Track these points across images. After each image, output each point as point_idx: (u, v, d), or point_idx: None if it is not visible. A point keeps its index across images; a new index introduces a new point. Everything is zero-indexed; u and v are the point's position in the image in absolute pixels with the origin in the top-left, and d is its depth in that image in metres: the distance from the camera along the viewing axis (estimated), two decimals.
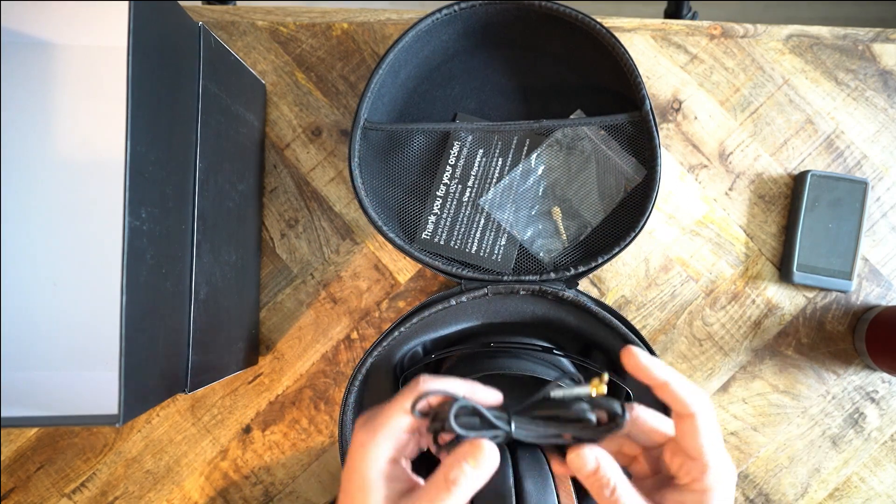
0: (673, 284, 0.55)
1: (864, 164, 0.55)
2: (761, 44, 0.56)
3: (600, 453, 0.31)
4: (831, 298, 0.55)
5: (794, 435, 0.54)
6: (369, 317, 0.55)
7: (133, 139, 0.33)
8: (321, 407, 0.55)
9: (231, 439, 0.54)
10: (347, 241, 0.55)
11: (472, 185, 0.52)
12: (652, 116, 0.47)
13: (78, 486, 0.54)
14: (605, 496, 0.30)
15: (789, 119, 0.56)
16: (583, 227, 0.51)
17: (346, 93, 0.56)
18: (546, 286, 0.46)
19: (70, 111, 0.49)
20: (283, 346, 0.55)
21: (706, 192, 0.55)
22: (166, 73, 0.37)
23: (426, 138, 0.52)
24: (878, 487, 0.54)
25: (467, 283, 0.47)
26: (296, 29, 0.56)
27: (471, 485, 0.30)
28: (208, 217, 0.43)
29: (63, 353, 0.48)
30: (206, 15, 0.56)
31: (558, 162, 0.51)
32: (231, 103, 0.47)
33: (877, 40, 0.56)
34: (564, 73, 0.53)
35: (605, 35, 0.46)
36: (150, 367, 0.36)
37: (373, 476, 0.30)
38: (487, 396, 0.33)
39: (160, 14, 0.36)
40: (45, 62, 0.49)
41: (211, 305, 0.44)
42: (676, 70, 0.56)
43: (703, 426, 0.30)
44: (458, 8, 0.47)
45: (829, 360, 0.55)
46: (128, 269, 0.33)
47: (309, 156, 0.56)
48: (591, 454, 0.31)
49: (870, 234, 0.55)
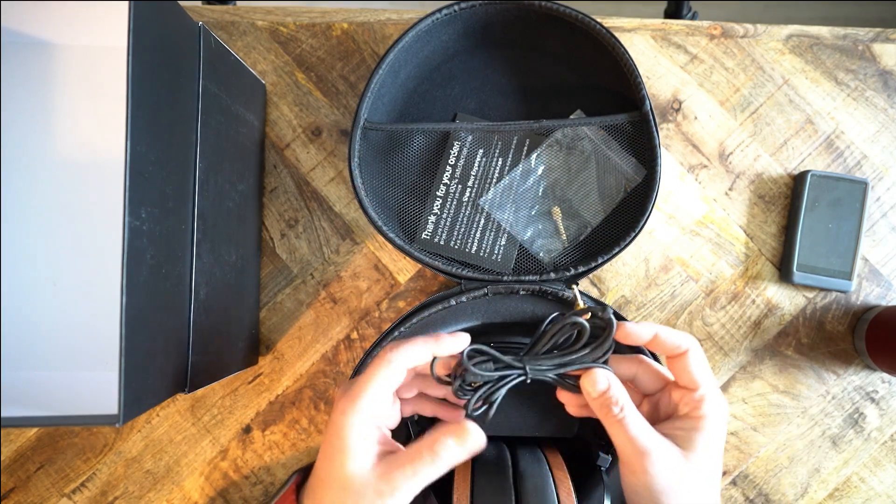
0: (673, 284, 0.55)
1: (864, 164, 0.55)
2: (761, 44, 0.56)
3: (611, 375, 0.35)
4: (831, 298, 0.55)
5: (794, 435, 0.54)
6: (369, 317, 0.55)
7: (133, 139, 0.33)
8: (321, 407, 0.55)
9: (231, 439, 0.54)
10: (347, 241, 0.55)
11: (472, 185, 0.52)
12: (652, 116, 0.47)
13: (78, 486, 0.54)
14: (613, 414, 0.33)
15: (789, 119, 0.56)
16: (583, 227, 0.51)
17: (346, 93, 0.56)
18: (546, 286, 0.46)
19: (70, 111, 0.49)
20: (283, 346, 0.55)
21: (706, 192, 0.55)
22: (166, 73, 0.37)
23: (426, 138, 0.52)
24: (878, 487, 0.54)
25: (467, 283, 0.47)
26: (296, 29, 0.56)
27: (453, 459, 0.32)
28: (208, 217, 0.43)
29: (63, 353, 0.48)
30: (206, 15, 0.56)
31: (558, 162, 0.51)
32: (231, 103, 0.47)
33: (877, 40, 0.56)
34: (564, 73, 0.53)
35: (605, 35, 0.46)
36: (150, 367, 0.36)
37: (352, 438, 0.32)
38: (457, 343, 0.36)
39: (160, 14, 0.36)
40: (45, 62, 0.49)
41: (211, 305, 0.44)
42: (676, 70, 0.56)
43: (694, 359, 0.35)
44: (458, 8, 0.47)
45: (829, 360, 0.55)
46: (128, 269, 0.33)
47: (309, 156, 0.56)
48: (602, 374, 0.35)
49: (870, 234, 0.55)
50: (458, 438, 0.33)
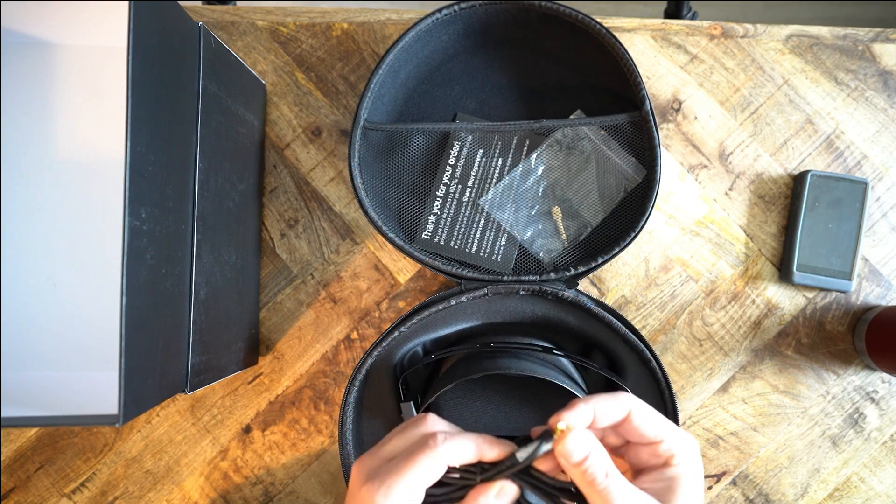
0: (673, 284, 0.55)
1: (864, 164, 0.55)
2: (761, 44, 0.56)
3: (590, 440, 0.30)
4: (831, 298, 0.55)
5: (794, 435, 0.54)
6: (369, 317, 0.55)
7: (133, 139, 0.33)
8: (321, 407, 0.55)
9: (231, 439, 0.54)
10: (347, 241, 0.55)
11: (472, 185, 0.52)
12: (652, 116, 0.47)
13: (78, 486, 0.54)
14: (597, 484, 0.29)
15: (789, 119, 0.56)
16: (583, 227, 0.51)
17: (346, 93, 0.56)
18: (546, 286, 0.46)
19: (70, 111, 0.49)
20: (282, 346, 0.55)
21: (706, 192, 0.55)
22: (166, 73, 0.37)
23: (426, 138, 0.52)
24: (877, 487, 0.54)
25: (467, 283, 0.47)
26: (296, 29, 0.56)
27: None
28: (208, 217, 0.43)
29: (63, 353, 0.48)
30: (206, 15, 0.56)
31: (558, 162, 0.51)
32: (231, 103, 0.47)
33: (877, 40, 0.56)
34: (564, 73, 0.53)
35: (605, 35, 0.46)
36: (150, 367, 0.36)
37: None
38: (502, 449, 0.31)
39: (160, 14, 0.36)
40: (45, 62, 0.49)
41: (211, 305, 0.44)
42: (676, 70, 0.56)
43: (642, 418, 0.31)
44: (458, 8, 0.47)
45: (828, 360, 0.55)
46: (128, 269, 0.33)
47: (309, 156, 0.56)
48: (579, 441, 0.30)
49: (870, 234, 0.55)
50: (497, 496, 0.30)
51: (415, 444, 0.31)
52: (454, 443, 0.30)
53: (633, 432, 0.32)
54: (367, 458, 0.32)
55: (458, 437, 0.31)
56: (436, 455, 0.30)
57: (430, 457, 0.30)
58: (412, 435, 0.32)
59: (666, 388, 0.46)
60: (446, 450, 0.30)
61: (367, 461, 0.31)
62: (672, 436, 0.32)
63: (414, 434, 0.32)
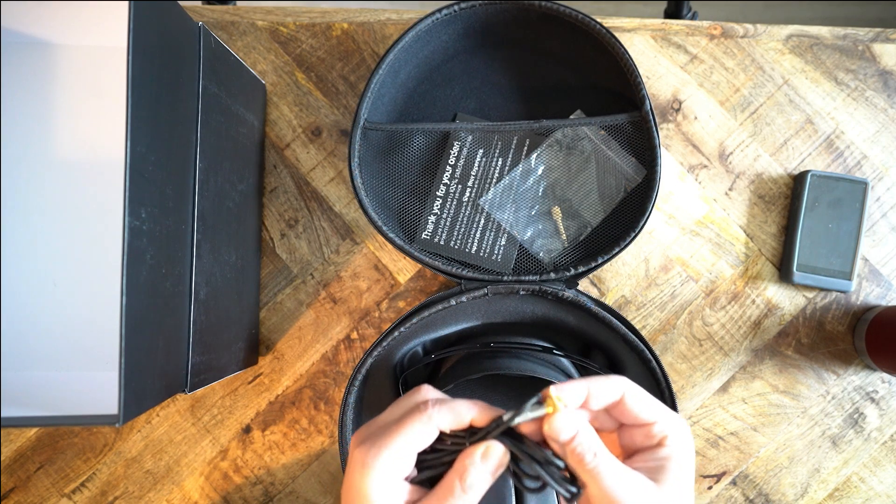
0: (673, 284, 0.55)
1: (864, 164, 0.55)
2: (761, 44, 0.56)
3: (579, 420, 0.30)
4: (831, 298, 0.55)
5: (794, 435, 0.54)
6: (369, 317, 0.55)
7: (133, 139, 0.33)
8: (321, 407, 0.55)
9: (231, 439, 0.54)
10: (347, 241, 0.55)
11: (472, 185, 0.52)
12: (652, 116, 0.47)
13: (78, 486, 0.54)
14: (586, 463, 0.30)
15: (789, 119, 0.56)
16: (583, 227, 0.51)
17: (346, 93, 0.56)
18: (546, 286, 0.46)
19: (70, 111, 0.49)
20: (282, 346, 0.55)
21: (706, 192, 0.55)
22: (166, 73, 0.37)
23: (426, 138, 0.52)
24: (877, 487, 0.54)
25: (467, 283, 0.47)
26: (296, 29, 0.56)
27: (482, 484, 0.30)
28: (208, 217, 0.43)
29: (63, 353, 0.48)
30: (206, 15, 0.56)
31: (558, 162, 0.51)
32: (231, 103, 0.47)
33: (877, 40, 0.56)
34: (564, 73, 0.53)
35: (605, 35, 0.46)
36: (150, 367, 0.36)
37: (375, 497, 0.30)
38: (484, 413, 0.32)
39: (160, 14, 0.36)
40: (45, 62, 0.49)
41: (211, 305, 0.44)
42: (676, 70, 0.56)
43: (635, 400, 0.32)
44: (458, 8, 0.47)
45: (828, 360, 0.55)
46: (128, 269, 0.33)
47: (309, 156, 0.56)
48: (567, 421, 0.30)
49: (870, 234, 0.55)
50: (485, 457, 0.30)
51: (408, 410, 0.32)
52: (445, 408, 0.31)
53: (627, 414, 0.32)
54: (364, 427, 0.33)
55: (450, 403, 0.32)
56: (426, 419, 0.31)
57: (421, 421, 0.31)
58: (407, 403, 0.33)
59: (666, 388, 0.46)
60: (437, 414, 0.31)
61: (364, 429, 0.33)
62: (665, 418, 0.32)
63: (408, 402, 0.33)
